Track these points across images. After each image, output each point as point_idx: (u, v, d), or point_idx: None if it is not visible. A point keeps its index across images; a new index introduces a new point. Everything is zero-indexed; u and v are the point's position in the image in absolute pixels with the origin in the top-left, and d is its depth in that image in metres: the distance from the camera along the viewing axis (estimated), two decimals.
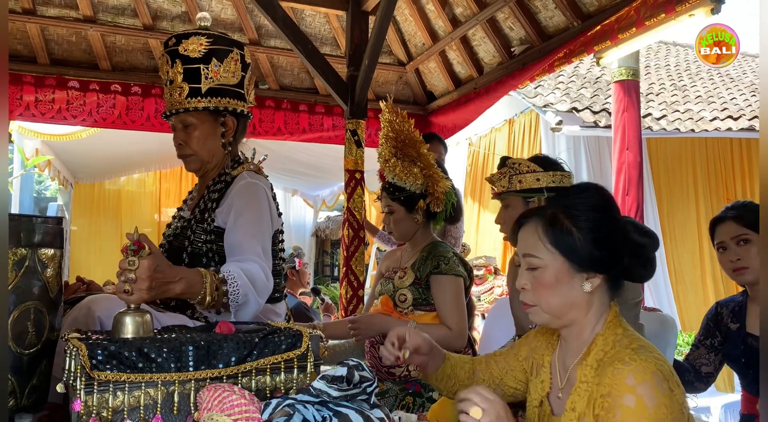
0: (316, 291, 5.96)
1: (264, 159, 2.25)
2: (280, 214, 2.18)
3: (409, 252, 2.66)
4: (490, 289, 5.96)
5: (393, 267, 2.67)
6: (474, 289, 5.45)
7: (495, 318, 3.26)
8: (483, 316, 5.47)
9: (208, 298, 1.66)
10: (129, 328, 1.43)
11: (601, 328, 1.34)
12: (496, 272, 6.04)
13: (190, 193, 2.34)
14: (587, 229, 1.31)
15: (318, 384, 1.23)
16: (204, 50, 2.03)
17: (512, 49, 4.12)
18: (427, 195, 2.55)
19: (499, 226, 2.43)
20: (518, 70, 4.02)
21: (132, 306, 1.46)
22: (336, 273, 12.88)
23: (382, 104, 2.58)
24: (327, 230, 12.22)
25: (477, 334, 4.41)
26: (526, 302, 1.38)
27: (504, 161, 2.39)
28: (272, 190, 2.16)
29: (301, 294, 5.45)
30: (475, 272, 5.44)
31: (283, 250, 2.22)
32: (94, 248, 9.33)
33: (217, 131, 2.11)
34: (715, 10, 2.81)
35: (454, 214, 2.69)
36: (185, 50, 2.03)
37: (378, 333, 2.48)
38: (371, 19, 4.27)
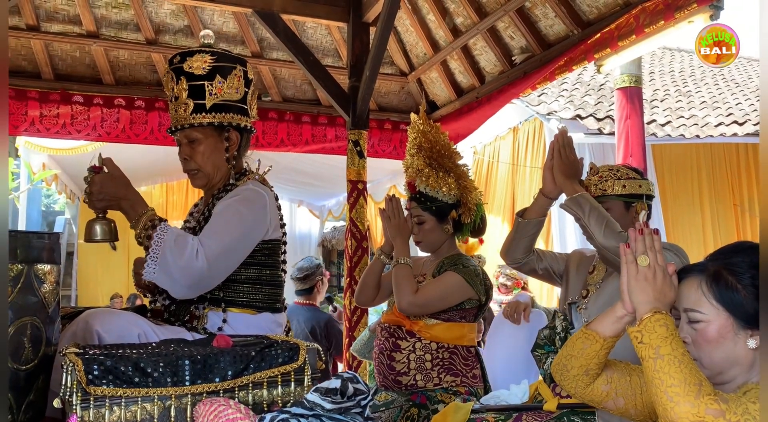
0: (329, 299, 5.97)
1: (269, 170, 2.27)
2: (283, 225, 2.18)
3: (432, 261, 2.68)
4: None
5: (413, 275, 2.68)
6: (497, 297, 5.40)
7: (496, 332, 3.24)
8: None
9: (137, 231, 1.88)
10: (97, 232, 1.86)
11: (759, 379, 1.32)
12: (524, 287, 5.96)
13: (195, 205, 2.35)
14: (751, 286, 1.33)
15: (312, 396, 1.23)
16: (208, 67, 2.07)
17: (513, 58, 4.12)
18: (459, 205, 2.59)
19: None
20: (519, 79, 4.02)
21: (101, 215, 1.88)
22: (343, 283, 12.80)
23: (413, 116, 2.63)
24: (333, 240, 12.18)
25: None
26: None
27: (596, 168, 2.39)
28: (277, 200, 2.17)
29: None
30: (505, 282, 5.41)
31: (285, 262, 2.22)
32: (101, 261, 9.37)
33: (221, 146, 2.12)
34: (714, 17, 2.81)
35: (481, 226, 2.70)
36: (190, 67, 2.07)
37: (397, 232, 2.58)
38: (372, 30, 4.28)
